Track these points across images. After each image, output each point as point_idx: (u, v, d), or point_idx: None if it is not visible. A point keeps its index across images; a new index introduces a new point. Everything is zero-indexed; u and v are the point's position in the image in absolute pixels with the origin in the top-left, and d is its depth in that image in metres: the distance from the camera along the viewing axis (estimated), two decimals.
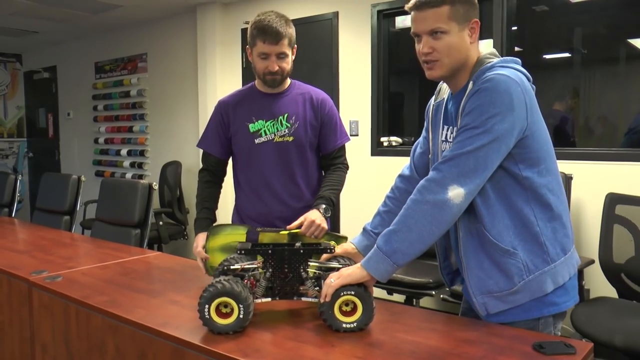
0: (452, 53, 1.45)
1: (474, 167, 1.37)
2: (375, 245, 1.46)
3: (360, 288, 1.43)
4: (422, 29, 1.46)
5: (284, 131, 2.11)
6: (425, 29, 1.46)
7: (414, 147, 1.79)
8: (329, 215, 2.07)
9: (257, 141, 2.12)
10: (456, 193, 1.37)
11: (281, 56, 2.02)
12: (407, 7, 1.51)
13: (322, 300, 1.43)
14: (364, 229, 1.76)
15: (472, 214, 1.46)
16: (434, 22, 1.44)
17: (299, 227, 1.93)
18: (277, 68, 2.02)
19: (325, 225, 1.97)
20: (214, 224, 2.08)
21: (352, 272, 1.45)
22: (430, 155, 1.66)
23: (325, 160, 2.25)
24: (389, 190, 1.81)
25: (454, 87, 1.55)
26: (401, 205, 1.56)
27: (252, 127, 2.12)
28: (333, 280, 1.43)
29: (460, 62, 1.47)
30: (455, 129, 1.51)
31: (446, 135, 1.56)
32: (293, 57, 2.09)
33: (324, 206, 2.06)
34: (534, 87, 1.47)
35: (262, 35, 1.98)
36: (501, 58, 1.47)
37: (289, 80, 2.17)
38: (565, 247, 1.48)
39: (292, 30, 2.03)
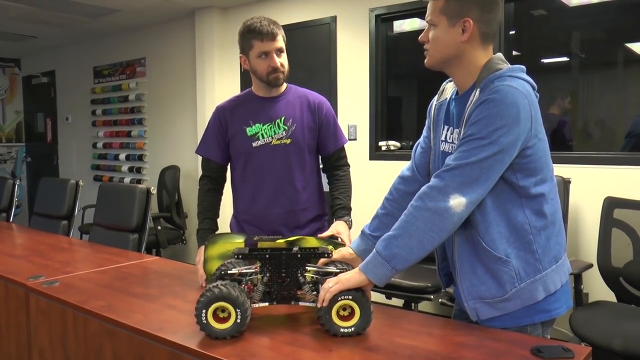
0: (438, 47, 1.48)
1: (477, 178, 1.38)
2: (374, 250, 1.46)
3: (357, 292, 1.42)
4: (426, 17, 1.52)
5: (282, 134, 2.11)
6: (426, 18, 1.51)
7: (414, 146, 1.79)
8: (351, 226, 2.12)
9: (254, 144, 2.12)
10: (458, 202, 1.37)
11: (280, 52, 2.06)
12: None
13: (319, 305, 1.42)
14: (362, 233, 1.76)
15: (468, 221, 1.46)
16: (429, 13, 1.49)
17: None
18: (280, 63, 2.05)
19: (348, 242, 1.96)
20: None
21: (351, 277, 1.45)
22: (432, 154, 1.66)
23: (328, 162, 2.26)
24: (388, 192, 1.80)
25: (459, 86, 1.55)
26: (400, 208, 1.57)
27: (250, 130, 2.12)
28: (331, 285, 1.43)
29: (448, 57, 1.48)
30: (455, 130, 1.52)
31: (446, 135, 1.57)
32: None
33: (350, 219, 2.12)
34: (538, 95, 1.47)
35: (258, 34, 2.01)
36: (509, 67, 1.46)
37: (285, 84, 2.18)
38: (557, 255, 1.49)
39: (282, 31, 2.08)
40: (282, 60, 2.07)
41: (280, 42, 2.05)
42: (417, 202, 1.42)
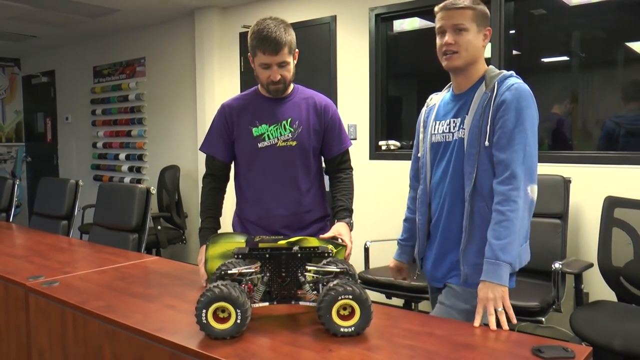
0: (469, 48, 1.73)
1: (534, 162, 1.65)
2: (501, 262, 1.59)
3: (357, 292, 1.42)
4: (449, 23, 1.73)
5: (287, 136, 2.11)
6: (451, 23, 1.73)
7: (411, 165, 2.05)
8: (352, 228, 2.13)
9: (260, 145, 2.11)
10: (533, 189, 1.65)
11: (282, 65, 2.01)
12: (436, 8, 1.77)
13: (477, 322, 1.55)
14: (400, 244, 2.10)
15: (481, 195, 1.69)
16: (460, 19, 1.72)
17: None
18: (279, 77, 2.02)
19: (349, 243, 1.97)
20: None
21: (504, 294, 1.57)
22: (420, 153, 1.93)
23: (331, 165, 2.24)
24: (407, 203, 2.08)
25: (461, 86, 1.80)
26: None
27: (256, 131, 2.11)
28: (500, 309, 1.54)
29: (474, 58, 1.75)
30: (454, 119, 1.77)
31: (437, 128, 1.84)
32: (295, 62, 2.08)
33: (352, 221, 2.12)
34: None
35: (261, 46, 1.97)
36: (509, 71, 1.75)
37: (292, 85, 2.17)
38: (527, 235, 1.71)
39: (291, 37, 2.02)
40: (284, 72, 2.03)
41: (284, 54, 1.99)
42: (504, 207, 1.61)
